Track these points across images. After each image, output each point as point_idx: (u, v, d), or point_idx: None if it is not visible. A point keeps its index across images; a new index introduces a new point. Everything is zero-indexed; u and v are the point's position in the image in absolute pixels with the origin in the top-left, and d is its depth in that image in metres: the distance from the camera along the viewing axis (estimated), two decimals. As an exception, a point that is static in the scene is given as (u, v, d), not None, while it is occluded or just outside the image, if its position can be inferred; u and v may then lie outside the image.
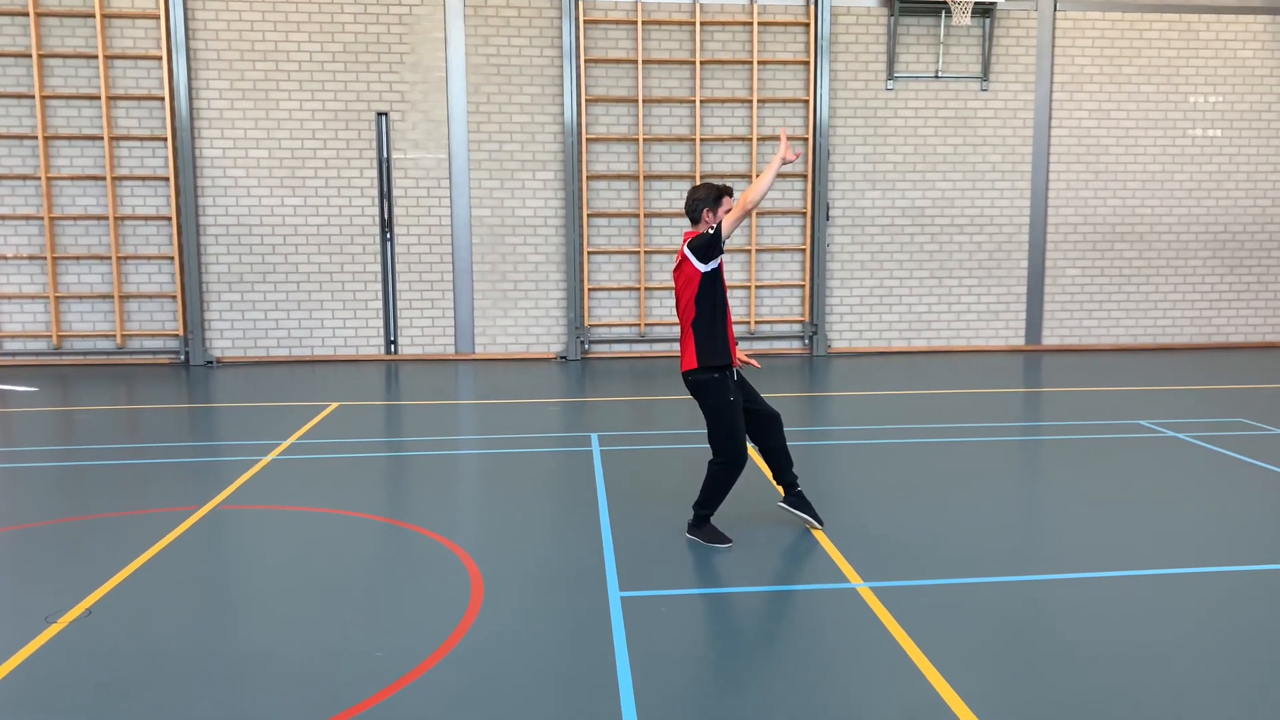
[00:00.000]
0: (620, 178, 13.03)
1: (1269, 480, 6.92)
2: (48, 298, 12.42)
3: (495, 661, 4.15)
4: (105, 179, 12.26)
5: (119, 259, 12.42)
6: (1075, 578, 5.13)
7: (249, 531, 6.01)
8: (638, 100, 12.79)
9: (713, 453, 5.55)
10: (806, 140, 13.13)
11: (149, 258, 12.54)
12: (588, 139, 12.86)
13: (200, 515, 6.16)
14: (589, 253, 13.05)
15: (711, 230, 5.32)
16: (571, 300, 13.00)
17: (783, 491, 5.83)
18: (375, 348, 13.03)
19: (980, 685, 3.93)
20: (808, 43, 13.03)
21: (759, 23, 12.87)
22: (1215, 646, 4.33)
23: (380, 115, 12.70)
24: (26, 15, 11.94)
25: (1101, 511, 6.21)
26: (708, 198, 5.43)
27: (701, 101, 12.91)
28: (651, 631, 4.43)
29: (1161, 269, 14.03)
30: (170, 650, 4.26)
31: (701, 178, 12.91)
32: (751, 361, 5.77)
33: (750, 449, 5.59)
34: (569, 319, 13.04)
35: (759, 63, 12.93)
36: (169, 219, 12.46)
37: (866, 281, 13.59)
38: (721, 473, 5.53)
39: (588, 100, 12.80)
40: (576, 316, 13.00)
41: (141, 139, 12.36)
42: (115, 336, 12.59)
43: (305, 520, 6.16)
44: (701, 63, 12.84)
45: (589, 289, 13.13)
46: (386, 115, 12.70)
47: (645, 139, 12.91)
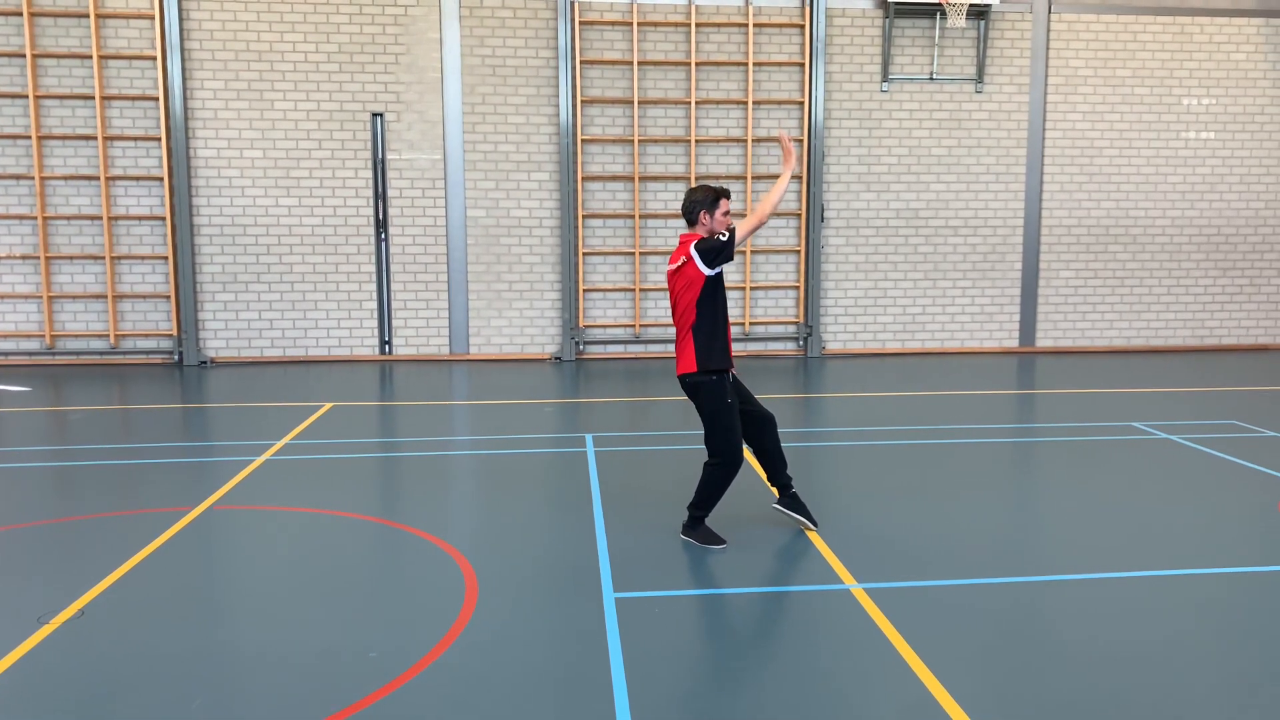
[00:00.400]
0: (615, 179, 13.03)
1: (1261, 482, 6.95)
2: (41, 297, 12.39)
3: (489, 662, 4.15)
4: (99, 179, 12.23)
5: (113, 259, 12.40)
6: (1068, 579, 5.14)
7: (243, 532, 6.00)
8: (633, 101, 12.80)
9: (708, 454, 5.55)
10: (802, 142, 13.14)
11: (143, 258, 12.52)
12: (583, 140, 12.86)
13: (194, 516, 6.15)
14: (584, 254, 13.05)
15: (723, 237, 5.28)
16: (566, 301, 12.99)
17: (777, 493, 5.84)
18: (370, 348, 13.02)
19: (973, 686, 3.94)
20: (803, 44, 13.05)
21: (754, 24, 12.89)
22: (1207, 647, 4.35)
23: (375, 116, 12.69)
24: (20, 15, 11.91)
25: (1094, 513, 6.23)
26: (705, 200, 5.42)
27: (697, 103, 12.92)
28: (646, 633, 4.43)
29: (1155, 271, 14.07)
30: (163, 651, 4.25)
31: (697, 179, 12.92)
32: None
33: (745, 450, 5.60)
34: (564, 320, 13.04)
35: (754, 64, 12.95)
36: (163, 219, 12.44)
37: (861, 283, 13.61)
38: (717, 474, 5.53)
39: (583, 101, 12.80)
40: (571, 317, 12.99)
41: (136, 139, 12.34)
42: (109, 336, 12.56)
43: (299, 521, 6.16)
44: (697, 64, 12.85)
45: (584, 290, 13.12)
46: (381, 116, 12.69)
47: (640, 140, 12.91)
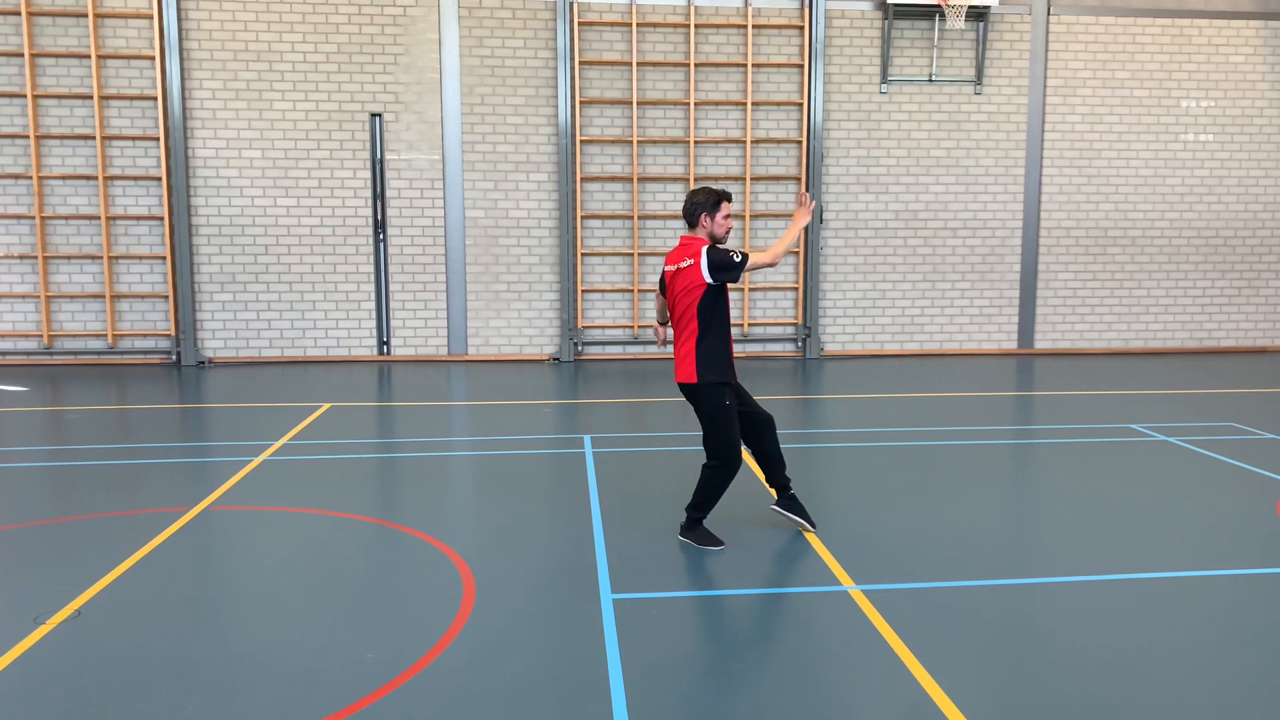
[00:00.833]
0: (614, 180, 13.02)
1: (1259, 484, 6.94)
2: (39, 297, 12.37)
3: (487, 663, 4.14)
4: (97, 179, 12.22)
5: (110, 259, 12.38)
6: (1066, 581, 5.14)
7: (240, 533, 5.99)
8: (632, 102, 12.80)
9: (707, 456, 5.54)
10: (800, 143, 13.14)
11: (141, 257, 12.50)
12: (582, 141, 12.85)
13: (191, 516, 6.14)
14: (582, 254, 13.05)
15: (736, 257, 5.27)
16: (565, 302, 12.99)
17: (775, 494, 5.83)
18: (368, 348, 13.01)
19: (971, 688, 3.94)
20: (802, 46, 13.05)
21: (753, 26, 12.89)
22: (1205, 649, 4.34)
23: (374, 116, 12.68)
24: (19, 14, 11.90)
25: (1092, 515, 6.22)
26: (706, 202, 5.41)
27: (696, 104, 12.92)
28: (643, 634, 4.42)
29: (1153, 273, 14.07)
30: (160, 652, 4.24)
31: (696, 180, 12.92)
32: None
33: (743, 452, 5.59)
34: (562, 320, 13.04)
35: (753, 65, 12.95)
36: (161, 219, 12.42)
37: (860, 284, 13.61)
38: (715, 476, 5.52)
39: (582, 102, 12.80)
40: (570, 318, 12.99)
41: (134, 139, 12.33)
42: (106, 336, 12.54)
43: (296, 521, 6.15)
44: (696, 65, 12.85)
45: (582, 291, 13.12)
46: (380, 116, 12.68)
47: (639, 141, 12.91)
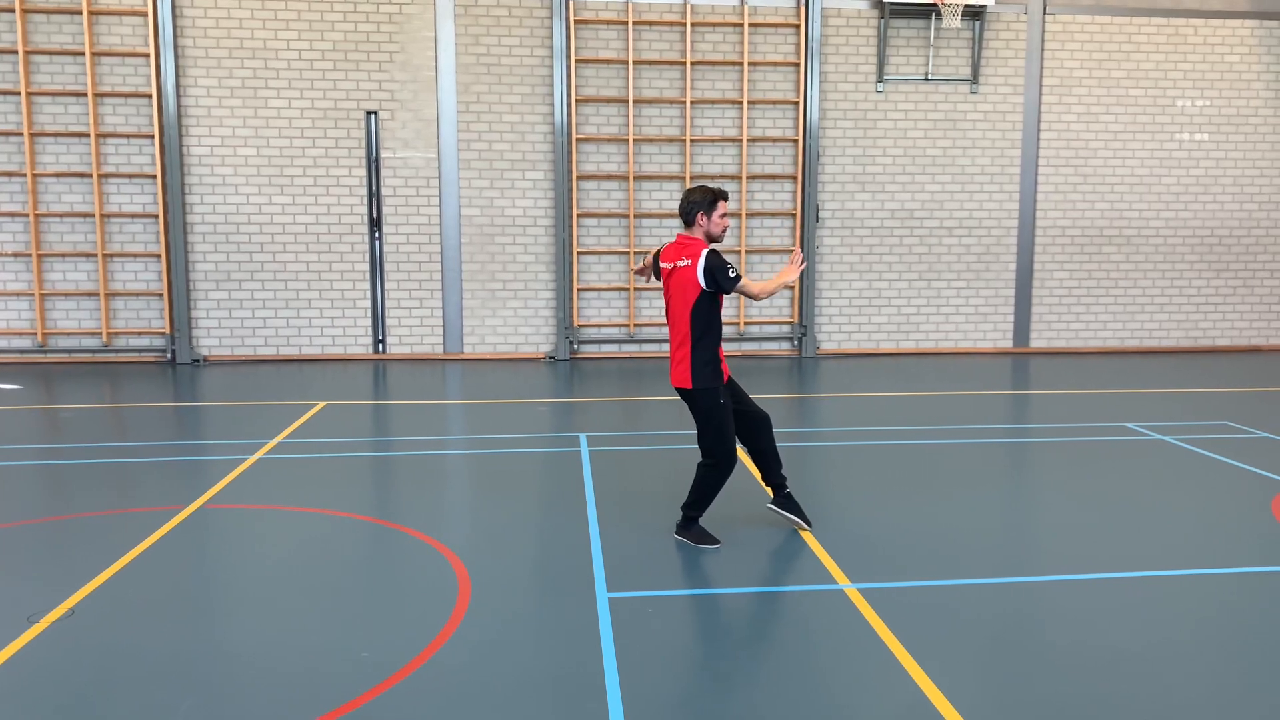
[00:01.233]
0: (610, 178, 13.01)
1: (1254, 483, 6.96)
2: (33, 295, 12.33)
3: (482, 662, 4.13)
4: (92, 176, 12.18)
5: (105, 256, 12.35)
6: (1061, 580, 5.14)
7: (234, 531, 5.97)
8: (628, 101, 12.78)
9: (702, 454, 5.54)
10: (796, 141, 13.14)
11: (135, 255, 12.47)
12: (578, 139, 12.84)
13: (185, 514, 6.12)
14: (578, 253, 13.04)
15: (733, 273, 5.27)
16: (561, 300, 12.97)
17: (771, 493, 5.83)
18: (363, 347, 12.99)
19: (967, 687, 3.94)
20: (798, 44, 13.05)
21: (749, 24, 12.88)
22: (1201, 648, 4.35)
23: (369, 114, 12.66)
24: (13, 11, 11.86)
25: (1087, 514, 6.23)
26: (703, 201, 5.41)
27: (692, 102, 12.91)
28: (639, 633, 4.42)
29: (1149, 272, 14.09)
30: (154, 650, 4.23)
31: (692, 179, 12.91)
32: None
33: (739, 450, 5.58)
34: (558, 319, 13.02)
35: (749, 64, 12.94)
36: (156, 217, 12.39)
37: (856, 283, 13.61)
38: (711, 474, 5.52)
39: (578, 100, 12.78)
40: (565, 316, 12.98)
41: (128, 136, 12.29)
42: (101, 334, 12.51)
43: (291, 520, 6.13)
44: (692, 64, 12.84)
45: (578, 289, 13.11)
46: (376, 114, 12.66)
47: (635, 139, 12.90)
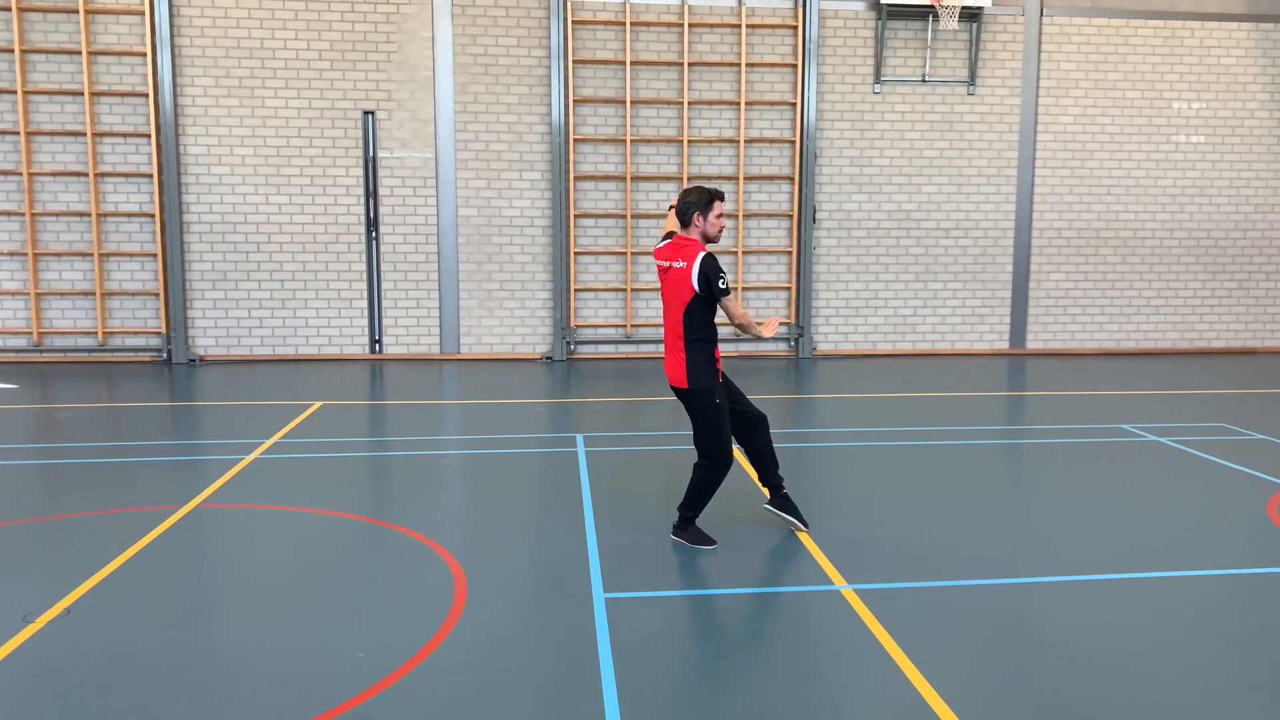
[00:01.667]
0: (607, 178, 13.01)
1: (1250, 484, 6.97)
2: (29, 294, 12.31)
3: (478, 663, 4.13)
4: (88, 175, 12.16)
5: (101, 256, 12.33)
6: (1058, 581, 5.15)
7: (231, 531, 5.97)
8: (625, 101, 12.78)
9: (698, 455, 5.55)
10: (794, 143, 13.14)
11: (132, 255, 12.45)
12: (575, 139, 12.84)
13: (181, 514, 6.12)
14: (575, 253, 13.03)
15: (723, 283, 5.26)
16: (558, 301, 12.97)
17: (768, 493, 5.84)
18: (360, 347, 12.97)
19: (963, 687, 3.94)
20: (795, 46, 13.05)
21: (747, 25, 12.89)
22: (1197, 649, 4.36)
23: (367, 114, 12.65)
24: (9, 10, 11.84)
25: (1083, 515, 6.24)
26: (699, 202, 5.41)
27: (689, 103, 12.91)
28: (635, 633, 4.42)
29: (1145, 274, 14.12)
30: (149, 650, 4.22)
31: (689, 179, 12.91)
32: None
33: (736, 450, 5.58)
34: (555, 319, 13.02)
35: (747, 65, 12.94)
36: (152, 216, 12.37)
37: (853, 284, 13.62)
38: (707, 475, 5.53)
39: (575, 101, 12.78)
40: (562, 317, 12.97)
41: (125, 135, 12.27)
42: (97, 334, 12.49)
43: (288, 520, 6.13)
44: (689, 64, 12.85)
45: (575, 289, 13.10)
46: (373, 114, 12.65)
47: (633, 140, 12.90)
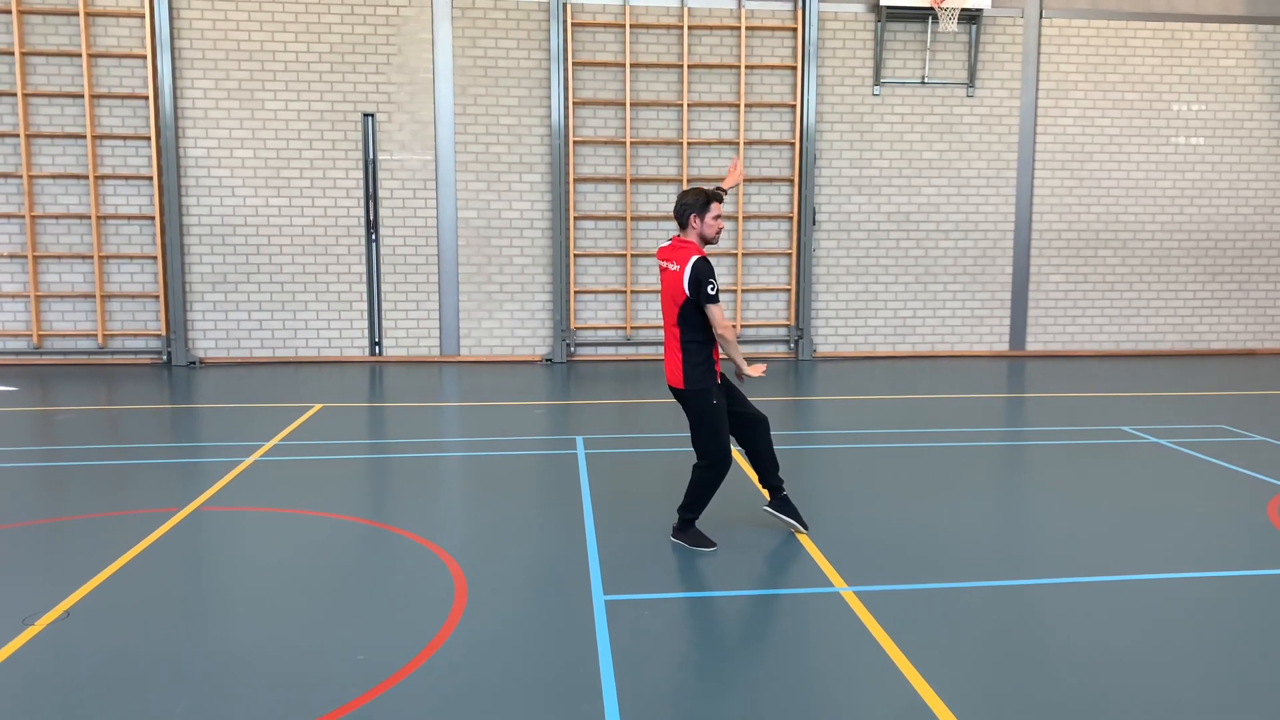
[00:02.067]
0: (607, 180, 13.02)
1: (1249, 486, 6.97)
2: (28, 296, 12.31)
3: (478, 665, 4.13)
4: (88, 178, 12.16)
5: (101, 258, 12.33)
6: (1058, 582, 5.15)
7: (231, 533, 5.97)
8: (625, 103, 12.79)
9: (697, 456, 5.55)
10: (793, 145, 13.15)
11: (132, 257, 12.45)
12: (575, 141, 12.84)
13: (181, 517, 6.12)
14: (575, 255, 13.04)
15: (711, 289, 5.25)
16: (557, 303, 12.97)
17: (768, 495, 5.84)
18: (360, 349, 12.98)
19: (963, 689, 3.94)
20: (795, 48, 13.06)
21: (746, 27, 12.89)
22: (1196, 651, 4.35)
23: (366, 116, 12.66)
24: (9, 13, 11.85)
25: (1084, 517, 6.24)
26: (696, 203, 5.42)
27: (689, 105, 12.92)
28: (635, 635, 4.42)
29: (1144, 275, 14.12)
30: (150, 652, 4.23)
31: (688, 181, 12.92)
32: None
33: (736, 452, 5.58)
34: (555, 321, 13.02)
35: (746, 67, 12.95)
36: (152, 218, 12.38)
37: (852, 286, 13.62)
38: (706, 476, 5.53)
39: (575, 103, 12.79)
40: (562, 319, 12.97)
41: (125, 138, 12.28)
42: (97, 336, 12.49)
43: (288, 522, 6.13)
44: (689, 67, 12.86)
45: (575, 291, 13.11)
46: (373, 116, 12.66)
47: (632, 142, 12.90)
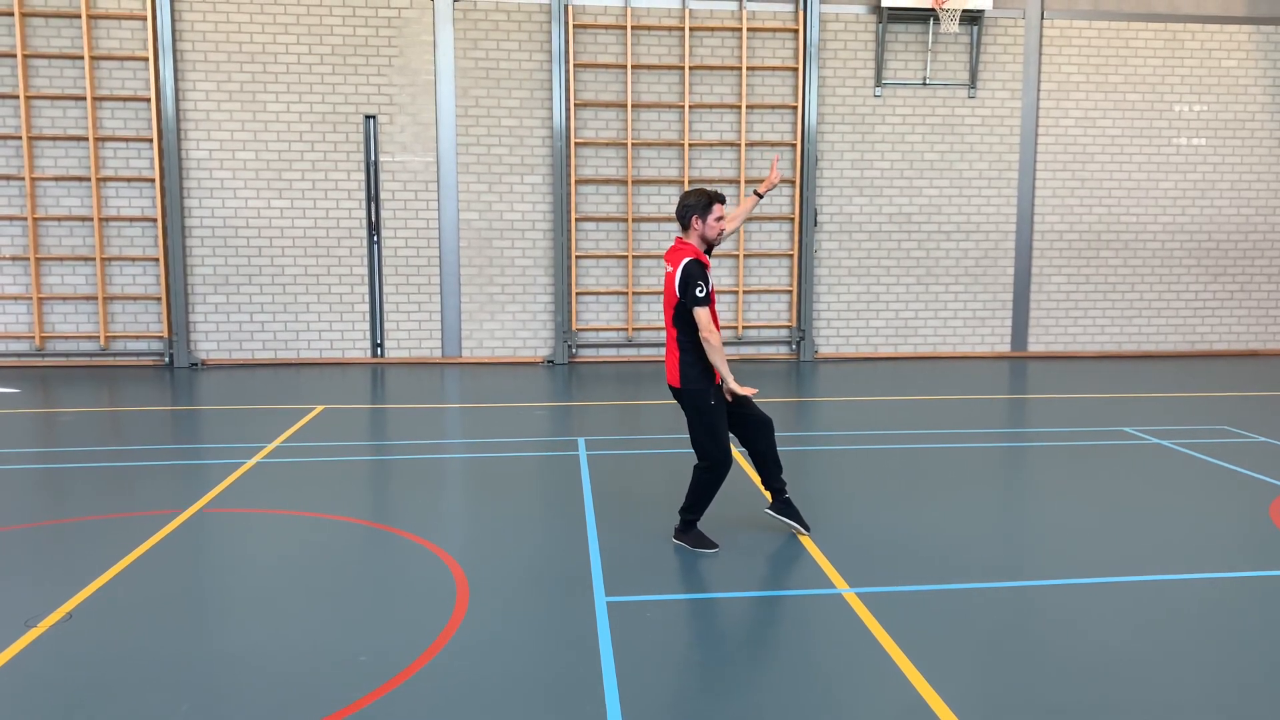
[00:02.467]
0: (609, 182, 13.02)
1: (1252, 487, 6.96)
2: (31, 299, 12.33)
3: (480, 667, 4.13)
4: (90, 180, 12.18)
5: (103, 260, 12.34)
6: (1060, 584, 5.15)
7: (233, 535, 5.97)
8: (627, 105, 12.80)
9: (697, 457, 5.55)
10: (795, 146, 13.15)
11: (134, 259, 12.47)
12: (576, 143, 12.85)
13: (184, 518, 6.12)
14: (577, 257, 13.04)
15: (701, 291, 5.25)
16: (559, 304, 12.98)
17: (770, 497, 5.83)
18: (361, 350, 12.98)
19: (965, 690, 3.94)
20: (796, 49, 13.06)
21: (747, 29, 12.90)
22: (1198, 652, 4.35)
23: (368, 118, 12.67)
24: (11, 15, 11.87)
25: (1085, 518, 6.23)
26: (698, 204, 5.42)
27: (690, 107, 12.92)
28: (638, 637, 4.42)
29: (1146, 276, 14.11)
30: (152, 654, 4.23)
31: (690, 183, 12.92)
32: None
33: (738, 454, 5.58)
34: (556, 323, 13.03)
35: (747, 69, 12.95)
36: (154, 220, 12.39)
37: (854, 287, 13.62)
38: (706, 477, 5.53)
39: (577, 104, 12.80)
40: (564, 320, 12.98)
41: (127, 140, 12.29)
42: (99, 338, 12.50)
43: (290, 524, 6.13)
44: (690, 68, 12.86)
45: (577, 293, 13.11)
46: (375, 118, 12.67)
47: (634, 144, 12.91)
